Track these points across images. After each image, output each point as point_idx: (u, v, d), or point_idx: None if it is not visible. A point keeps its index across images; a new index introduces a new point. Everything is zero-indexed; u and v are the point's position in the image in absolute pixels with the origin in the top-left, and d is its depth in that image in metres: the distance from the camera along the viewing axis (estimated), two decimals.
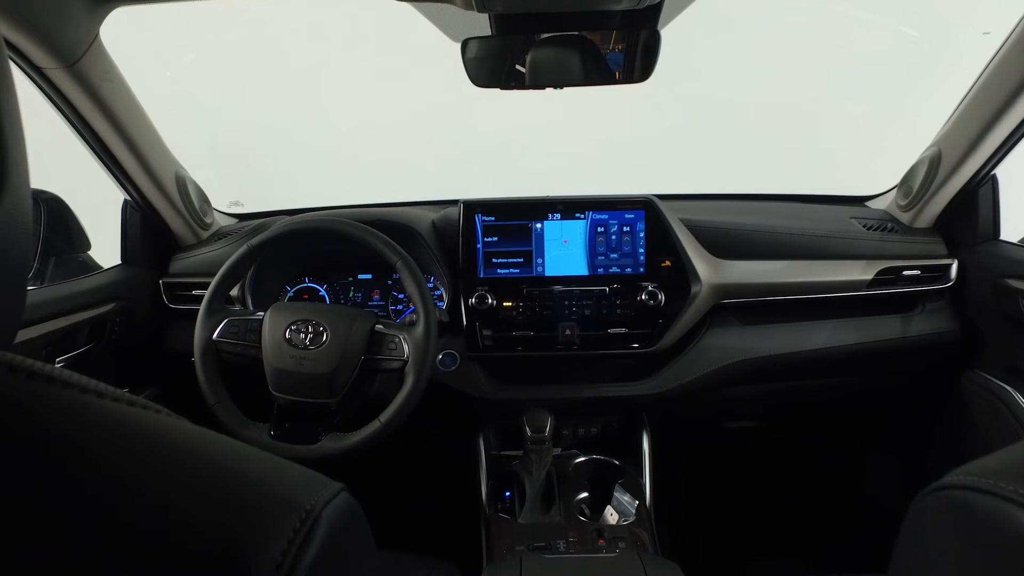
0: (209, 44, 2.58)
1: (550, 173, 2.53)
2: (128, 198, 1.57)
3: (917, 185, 1.61)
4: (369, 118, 2.72)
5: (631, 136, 2.66)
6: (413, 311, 1.62)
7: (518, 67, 1.33)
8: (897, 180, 1.74)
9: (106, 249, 1.63)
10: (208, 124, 2.67)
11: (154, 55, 2.29)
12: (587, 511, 1.45)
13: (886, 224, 1.67)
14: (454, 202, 1.60)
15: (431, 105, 2.63)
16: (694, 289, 1.50)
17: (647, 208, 1.53)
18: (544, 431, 1.39)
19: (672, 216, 1.54)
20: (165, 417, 0.42)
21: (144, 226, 1.60)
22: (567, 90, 1.32)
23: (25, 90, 1.27)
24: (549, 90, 1.33)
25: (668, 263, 1.51)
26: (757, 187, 1.90)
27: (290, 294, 1.71)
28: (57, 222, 1.54)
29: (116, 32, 1.29)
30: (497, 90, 1.32)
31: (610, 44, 1.27)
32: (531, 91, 1.36)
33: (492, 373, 1.58)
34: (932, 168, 1.56)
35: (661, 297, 1.49)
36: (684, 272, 1.51)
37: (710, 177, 2.39)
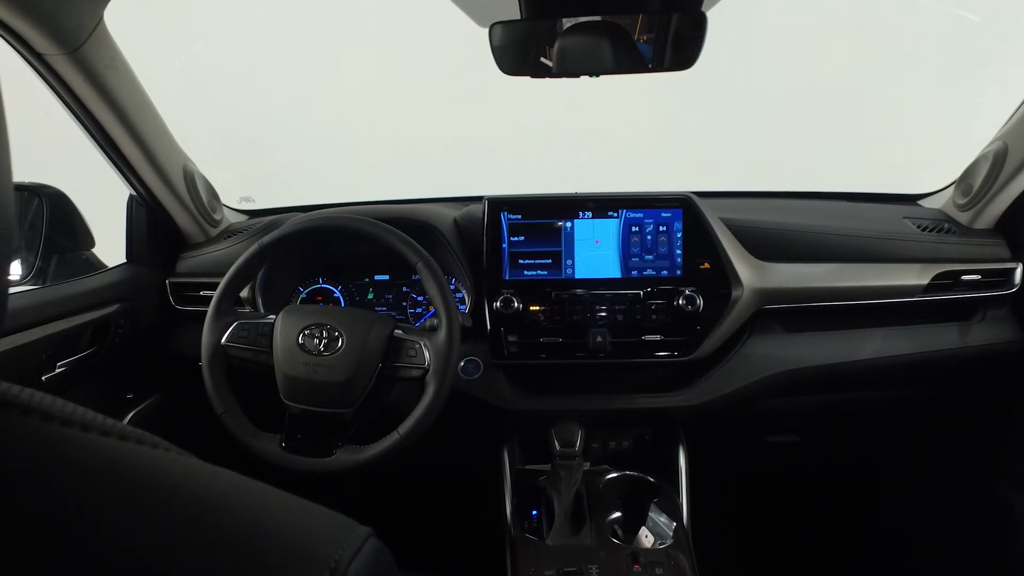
0: (220, 32, 2.56)
1: (578, 168, 2.47)
2: (133, 193, 1.54)
3: (979, 183, 1.55)
4: (387, 110, 2.68)
5: (663, 129, 2.60)
6: (433, 315, 1.61)
7: (544, 58, 1.31)
8: (952, 177, 1.68)
9: (109, 247, 1.61)
10: (218, 115, 2.64)
11: (162, 42, 2.27)
12: (620, 533, 1.40)
13: (942, 225, 1.62)
14: (477, 199, 1.57)
15: (451, 97, 2.59)
16: (735, 294, 1.46)
17: (685, 206, 1.49)
18: (574, 445, 1.34)
19: (711, 215, 1.49)
20: (164, 453, 0.37)
21: (150, 223, 1.58)
22: (596, 81, 1.29)
23: (27, 78, 1.23)
24: (576, 80, 1.30)
25: (707, 265, 1.47)
26: (801, 184, 1.85)
27: (303, 295, 1.68)
28: (60, 218, 1.51)
29: (121, 17, 1.27)
30: (521, 80, 1.28)
31: (651, 29, 1.21)
32: (559, 80, 1.34)
33: (517, 382, 1.54)
34: (996, 164, 1.49)
35: (699, 302, 1.45)
36: (724, 275, 1.46)
37: (750, 173, 2.32)
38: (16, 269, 1.44)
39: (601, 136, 2.62)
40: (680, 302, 1.45)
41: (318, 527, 0.39)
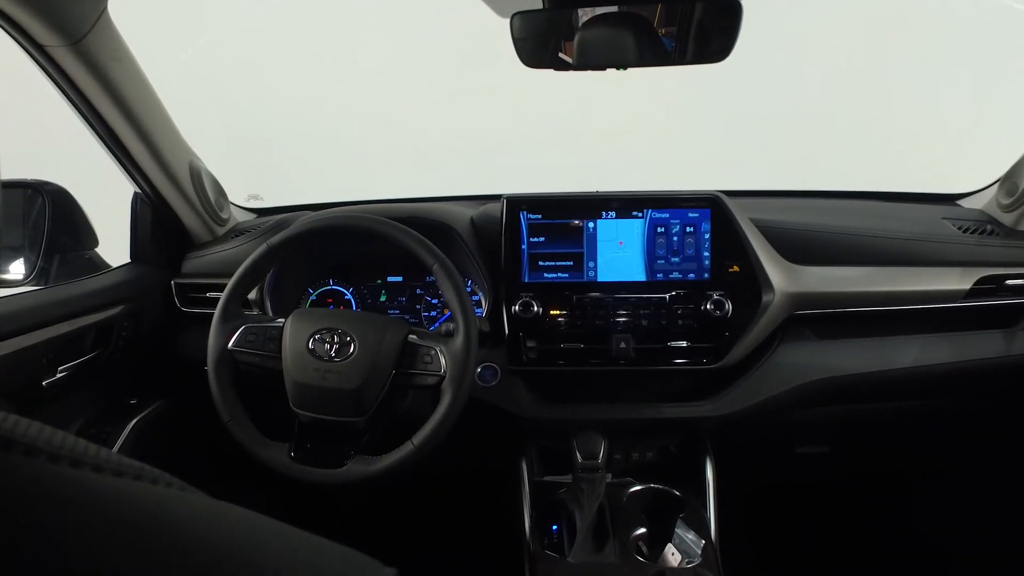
0: (227, 25, 2.54)
1: (595, 165, 2.43)
2: (138, 191, 1.53)
3: None
4: (399, 105, 2.66)
5: (683, 124, 2.56)
6: (448, 318, 1.59)
7: (566, 51, 1.28)
8: (992, 177, 1.65)
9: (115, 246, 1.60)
10: (225, 110, 2.62)
11: (168, 34, 2.26)
12: (645, 550, 1.36)
13: (985, 226, 1.58)
14: (495, 197, 1.54)
15: (466, 92, 2.56)
16: (765, 298, 1.43)
17: (713, 206, 1.46)
18: (597, 457, 1.33)
19: (741, 215, 1.46)
20: (177, 492, 0.34)
21: (155, 221, 1.56)
22: (615, 75, 1.26)
23: (29, 70, 1.23)
24: (596, 74, 1.27)
25: (736, 268, 1.44)
26: (833, 183, 1.83)
27: (312, 297, 1.67)
28: (62, 216, 1.50)
29: (126, 7, 1.26)
30: (537, 75, 1.26)
31: (680, 19, 1.18)
32: (577, 74, 1.31)
33: (536, 389, 1.51)
34: None
35: (728, 307, 1.42)
36: (754, 279, 1.43)
37: (775, 171, 2.28)
38: (19, 268, 1.44)
39: (619, 131, 2.58)
40: (708, 307, 1.42)
41: (338, 569, 0.36)
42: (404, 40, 2.61)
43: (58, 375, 1.29)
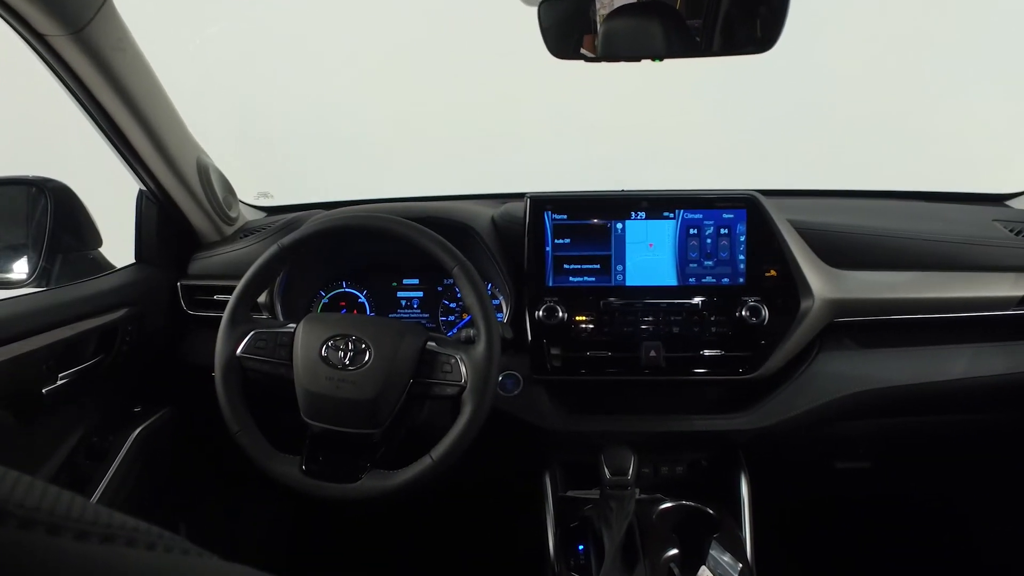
0: (237, 14, 2.52)
1: (621, 160, 2.38)
2: (143, 188, 1.51)
3: None
4: (415, 99, 2.63)
5: (710, 119, 2.51)
6: (467, 323, 1.56)
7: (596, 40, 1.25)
8: None
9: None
10: (234, 104, 2.62)
11: (175, 24, 2.23)
12: (677, 572, 1.32)
13: None
14: (517, 196, 1.52)
15: (485, 86, 2.52)
16: (804, 304, 1.39)
17: (749, 206, 1.42)
18: (627, 474, 1.27)
19: (778, 216, 1.42)
20: (179, 558, 0.29)
21: (161, 220, 1.54)
22: (645, 68, 1.24)
23: (29, 61, 1.21)
24: (624, 66, 1.25)
25: (773, 273, 1.41)
26: (876, 182, 1.80)
27: (325, 300, 1.65)
28: (65, 214, 1.48)
29: None
30: (558, 69, 1.26)
31: (724, 7, 1.14)
32: (602, 67, 1.29)
33: (560, 399, 1.47)
34: None
35: (764, 313, 1.38)
36: (793, 284, 1.39)
37: (818, 170, 2.23)
38: (20, 269, 1.43)
39: (641, 126, 2.53)
40: (743, 313, 1.39)
41: None
42: (421, 33, 2.58)
43: (58, 382, 1.27)
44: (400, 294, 1.65)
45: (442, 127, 2.64)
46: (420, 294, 1.64)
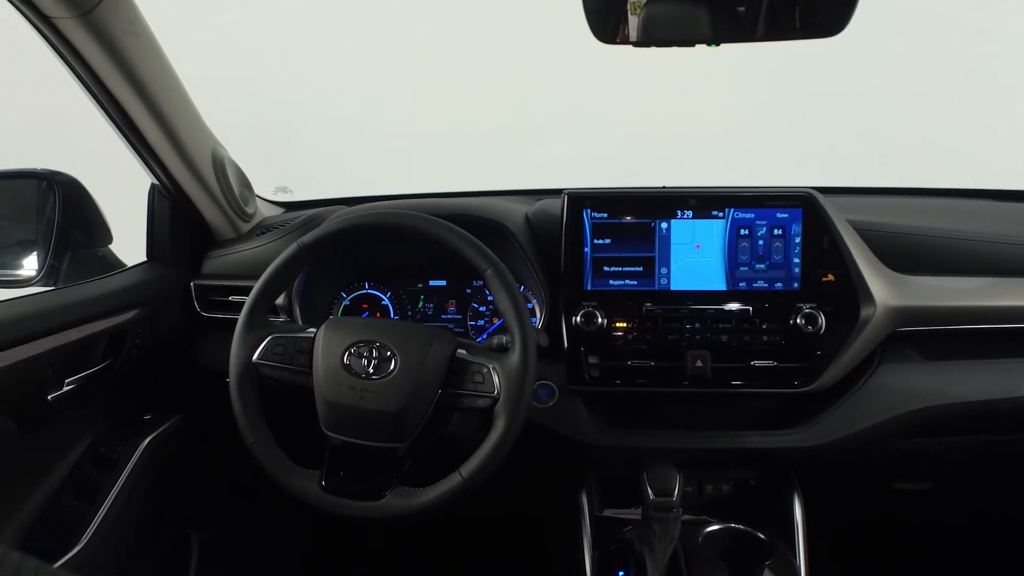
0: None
1: (664, 156, 2.34)
2: (155, 182, 1.50)
3: None
4: (443, 89, 2.62)
5: (768, 112, 2.46)
6: (498, 328, 1.56)
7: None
8: None
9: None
10: (252, 93, 2.62)
11: (189, 11, 2.24)
12: None
13: None
14: (553, 192, 1.51)
15: (516, 74, 2.50)
16: (865, 312, 1.36)
17: (805, 205, 1.39)
18: (672, 494, 1.24)
19: (837, 216, 1.39)
20: None
21: (174, 216, 1.54)
22: (687, 56, 1.20)
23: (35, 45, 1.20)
24: (670, 54, 1.21)
25: (831, 277, 1.38)
26: (944, 180, 1.75)
27: (346, 302, 1.64)
28: (75, 209, 1.49)
29: None
30: (597, 56, 1.21)
31: None
32: (645, 55, 1.25)
33: (598, 412, 1.45)
34: None
35: (821, 321, 1.35)
36: (852, 290, 1.37)
37: (880, 166, 2.18)
38: (28, 266, 1.44)
39: (680, 119, 2.50)
40: (798, 321, 1.36)
41: None
42: (450, 21, 2.57)
43: (65, 388, 1.26)
44: (424, 296, 1.64)
45: (471, 119, 2.63)
46: (447, 296, 1.63)
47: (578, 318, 1.38)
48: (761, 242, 1.39)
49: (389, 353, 1.17)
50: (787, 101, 2.47)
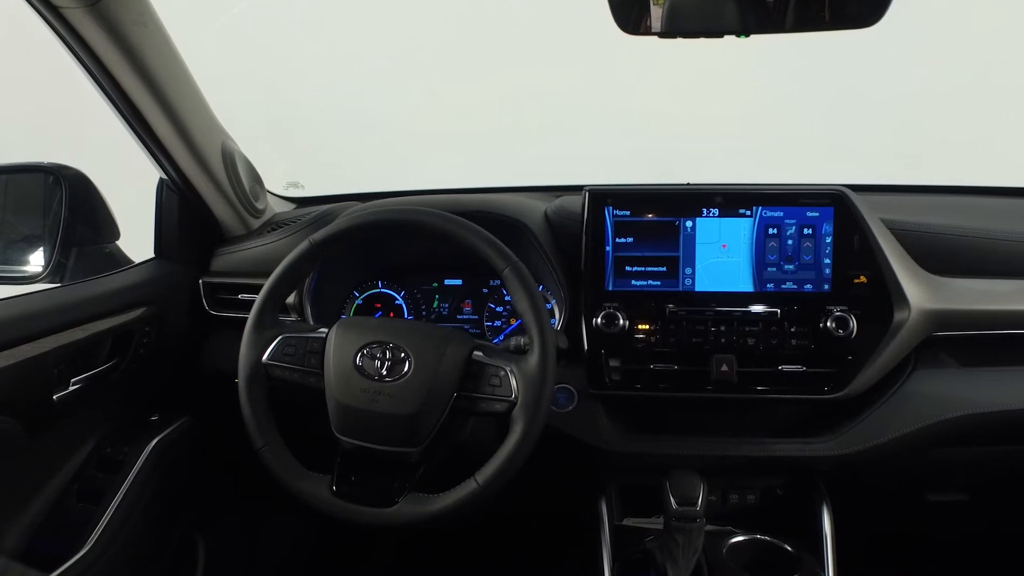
0: None
1: (692, 152, 2.32)
2: (163, 176, 1.51)
3: None
4: (459, 82, 2.62)
5: (797, 107, 2.43)
6: (516, 329, 1.56)
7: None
8: None
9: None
10: (262, 86, 2.64)
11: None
12: None
13: None
14: (573, 189, 1.50)
15: (535, 66, 2.49)
16: (899, 316, 1.34)
17: (837, 204, 1.38)
18: (696, 504, 1.23)
19: (870, 215, 1.38)
20: None
21: (183, 211, 1.55)
22: (710, 49, 1.20)
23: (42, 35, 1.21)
24: (694, 47, 1.20)
25: (863, 279, 1.37)
26: (982, 178, 1.73)
27: (359, 302, 1.64)
28: (81, 204, 1.50)
29: None
30: (616, 49, 1.22)
31: None
32: (667, 48, 1.23)
33: (619, 417, 1.44)
34: None
35: (852, 325, 1.34)
36: (885, 292, 1.35)
37: (914, 163, 2.15)
38: (34, 263, 1.45)
39: (706, 115, 2.48)
40: (828, 324, 1.34)
41: None
42: (467, 13, 2.56)
43: (71, 388, 1.27)
44: (439, 295, 1.64)
45: (489, 113, 2.62)
46: (463, 296, 1.63)
47: (599, 319, 1.38)
48: (790, 242, 1.38)
49: (403, 355, 1.17)
50: (816, 96, 2.44)
